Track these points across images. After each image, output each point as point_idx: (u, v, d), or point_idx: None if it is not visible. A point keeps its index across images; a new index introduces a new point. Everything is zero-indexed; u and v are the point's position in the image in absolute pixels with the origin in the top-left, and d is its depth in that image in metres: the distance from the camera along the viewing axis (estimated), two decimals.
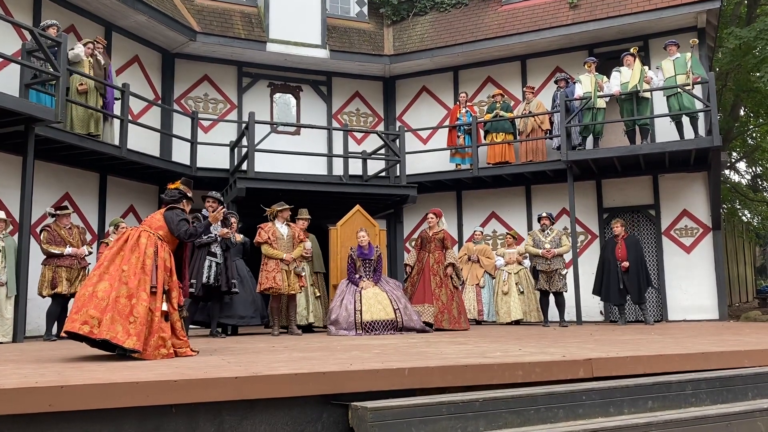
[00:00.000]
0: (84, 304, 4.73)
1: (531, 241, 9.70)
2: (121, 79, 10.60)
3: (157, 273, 4.94)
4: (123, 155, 9.74)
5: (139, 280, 4.83)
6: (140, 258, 4.92)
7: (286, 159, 11.88)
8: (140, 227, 5.20)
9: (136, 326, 4.68)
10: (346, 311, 8.17)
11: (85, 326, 4.65)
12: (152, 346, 4.78)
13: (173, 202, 5.37)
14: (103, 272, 4.88)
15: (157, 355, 4.77)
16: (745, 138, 21.27)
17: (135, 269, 4.87)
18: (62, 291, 8.06)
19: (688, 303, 11.04)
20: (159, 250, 5.05)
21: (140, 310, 4.74)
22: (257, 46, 12.18)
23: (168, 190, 5.51)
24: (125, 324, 4.67)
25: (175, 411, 3.35)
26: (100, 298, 4.74)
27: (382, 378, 3.75)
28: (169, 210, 5.31)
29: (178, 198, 5.41)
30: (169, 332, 4.94)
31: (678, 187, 11.44)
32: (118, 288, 4.78)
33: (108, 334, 4.61)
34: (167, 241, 5.20)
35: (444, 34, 13.03)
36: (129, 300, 4.75)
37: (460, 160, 12.34)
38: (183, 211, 5.38)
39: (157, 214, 5.32)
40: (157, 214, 5.33)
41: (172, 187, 5.52)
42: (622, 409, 3.96)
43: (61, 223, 8.35)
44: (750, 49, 14.49)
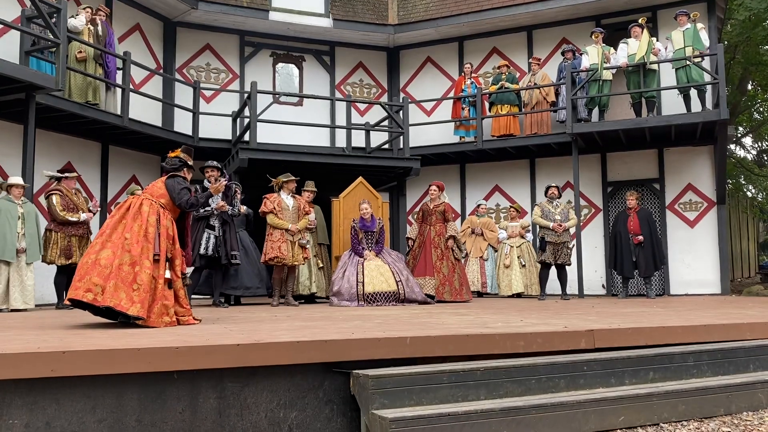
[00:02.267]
0: (87, 271, 4.74)
1: (540, 212, 9.64)
2: (122, 47, 10.49)
3: (160, 241, 4.94)
4: (125, 125, 9.68)
5: (142, 248, 4.83)
6: (143, 226, 4.91)
7: (289, 130, 11.80)
8: (142, 195, 5.18)
9: (139, 293, 4.69)
10: (348, 283, 8.18)
11: (89, 294, 4.67)
12: (156, 313, 4.79)
13: (174, 170, 5.35)
14: (106, 240, 4.88)
15: (161, 322, 4.79)
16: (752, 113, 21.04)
17: (137, 237, 4.86)
18: (76, 261, 7.91)
19: (690, 277, 11.03)
20: (161, 218, 5.04)
21: (143, 277, 4.74)
22: (260, 14, 12.02)
23: (168, 158, 5.48)
24: (129, 291, 4.68)
25: (177, 377, 3.37)
26: (103, 266, 4.74)
27: (383, 346, 3.75)
28: (170, 178, 5.29)
29: (179, 166, 5.40)
30: (173, 300, 4.96)
31: (683, 160, 11.35)
32: (121, 255, 4.78)
33: (112, 301, 4.63)
34: (169, 209, 5.19)
35: (449, 4, 12.84)
36: (132, 267, 4.75)
37: (464, 133, 12.24)
38: (184, 179, 5.36)
39: (159, 182, 5.30)
40: (158, 182, 5.31)
41: (173, 155, 5.49)
42: (624, 380, 3.96)
43: (69, 186, 8.17)
44: (760, 21, 14.25)
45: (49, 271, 8.44)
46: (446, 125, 12.51)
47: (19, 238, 7.46)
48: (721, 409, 3.91)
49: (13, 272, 7.42)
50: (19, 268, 7.48)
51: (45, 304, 8.64)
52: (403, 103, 11.65)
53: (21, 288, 7.46)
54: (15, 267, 7.43)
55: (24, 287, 7.50)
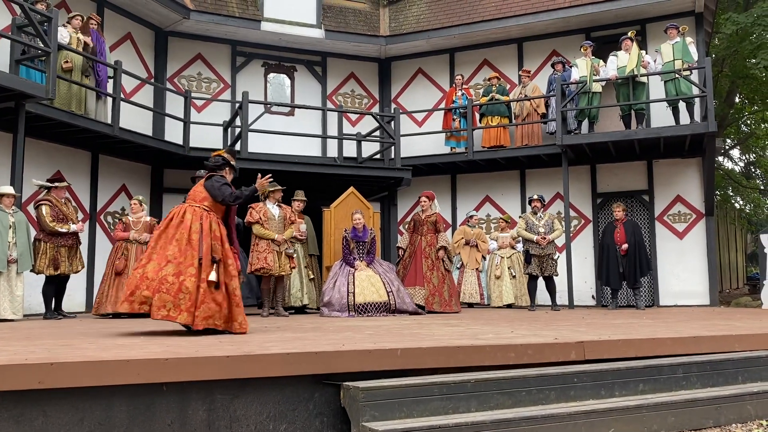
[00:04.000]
0: (137, 285, 4.86)
1: (524, 224, 9.70)
2: (113, 56, 10.47)
3: (203, 244, 4.98)
4: (115, 134, 9.64)
5: (186, 256, 4.91)
6: (185, 233, 4.99)
7: (280, 140, 11.80)
8: (185, 203, 5.24)
9: (185, 301, 4.78)
10: (339, 293, 8.17)
11: (144, 306, 4.82)
12: (200, 317, 4.86)
13: (217, 168, 5.38)
14: (151, 252, 4.99)
15: (206, 324, 4.86)
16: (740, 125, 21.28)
17: (181, 246, 4.94)
18: (64, 271, 7.92)
19: (679, 288, 11.09)
20: (204, 222, 5.08)
21: (188, 285, 4.83)
22: (251, 24, 12.05)
23: (212, 157, 5.50)
24: (175, 301, 4.79)
25: (167, 389, 3.34)
26: (150, 279, 4.85)
27: (374, 358, 3.74)
28: (208, 179, 5.30)
29: (222, 164, 5.42)
30: (224, 302, 4.99)
31: (672, 172, 11.44)
32: (166, 266, 4.88)
33: (160, 313, 4.77)
34: (214, 211, 5.23)
35: (440, 16, 12.92)
36: (177, 277, 4.84)
37: (455, 144, 12.29)
38: (222, 177, 5.36)
39: (199, 186, 5.33)
40: (198, 186, 5.34)
41: (216, 154, 5.52)
42: (614, 392, 3.97)
43: (59, 196, 8.11)
44: (747, 35, 14.44)
45: (37, 282, 8.37)
46: (437, 136, 12.56)
47: (10, 248, 7.42)
48: (711, 421, 3.92)
49: (3, 282, 7.37)
50: (9, 278, 7.43)
51: (33, 314, 8.56)
52: (395, 114, 11.69)
53: (10, 298, 7.41)
54: (5, 277, 7.38)
55: (13, 297, 7.44)
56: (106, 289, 8.33)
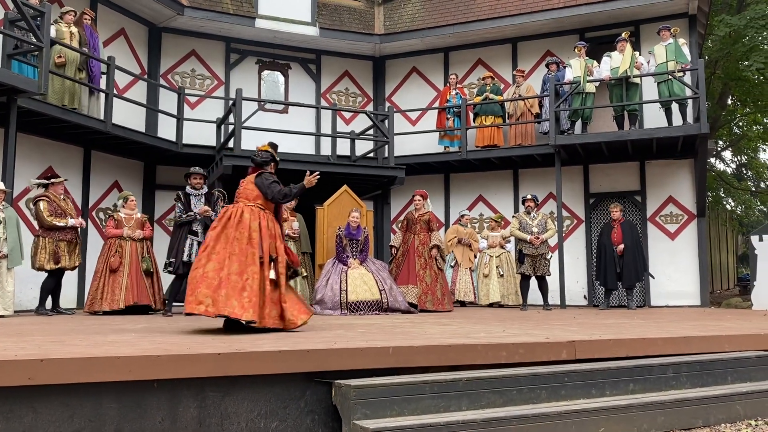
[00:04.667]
0: (197, 285, 4.88)
1: (517, 224, 9.72)
2: (106, 52, 10.40)
3: (263, 243, 5.03)
4: (108, 130, 9.60)
5: (247, 255, 4.95)
6: (245, 233, 5.02)
7: (274, 137, 11.74)
8: (240, 203, 5.24)
9: (250, 299, 4.82)
10: (331, 291, 8.17)
11: (201, 306, 4.80)
12: (267, 315, 4.93)
13: (264, 164, 5.41)
14: (210, 252, 4.99)
15: (271, 323, 4.94)
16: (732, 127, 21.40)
17: (241, 245, 4.97)
18: (65, 265, 7.91)
19: (671, 289, 11.14)
20: (262, 221, 5.13)
21: (252, 283, 4.88)
22: (246, 21, 12.02)
23: (259, 152, 5.50)
24: (240, 298, 4.81)
25: (157, 386, 3.33)
26: (210, 278, 4.87)
27: (366, 356, 3.74)
28: (258, 177, 5.32)
29: (269, 160, 5.46)
30: (279, 300, 5.05)
31: (664, 173, 11.49)
32: (229, 265, 4.90)
33: (226, 310, 4.77)
34: (267, 208, 5.27)
35: (435, 15, 12.93)
36: (240, 276, 4.88)
37: (449, 143, 12.30)
38: (271, 174, 5.41)
39: (249, 184, 5.33)
40: (248, 184, 5.33)
41: (263, 149, 5.53)
42: (604, 391, 3.99)
43: (56, 192, 8.08)
44: (740, 37, 14.51)
45: (28, 278, 8.33)
46: (431, 135, 12.56)
47: (1, 243, 7.38)
48: (700, 421, 3.94)
49: None
50: (0, 273, 7.38)
51: (24, 310, 8.51)
52: (389, 113, 11.68)
53: (1, 294, 7.37)
54: None
55: (4, 293, 7.41)
56: (100, 287, 8.26)
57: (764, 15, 13.42)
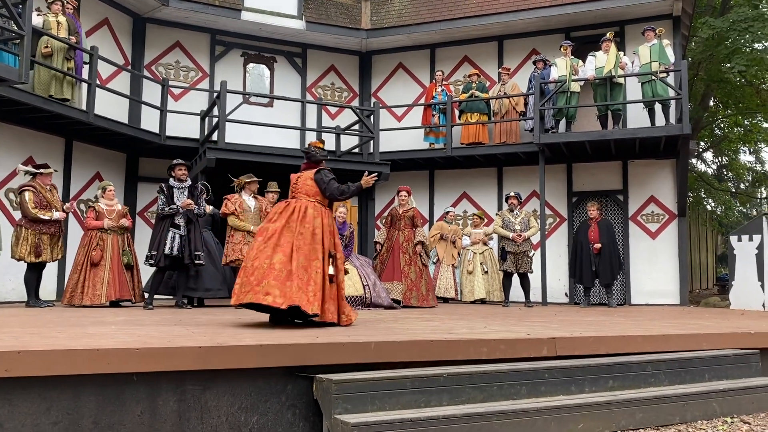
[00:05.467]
0: (264, 276, 4.92)
1: (500, 222, 9.76)
2: (89, 42, 10.28)
3: (324, 239, 5.14)
4: (90, 120, 9.49)
5: (311, 250, 5.04)
6: (309, 228, 5.12)
7: (258, 131, 11.70)
8: (302, 198, 5.30)
9: (314, 293, 4.92)
10: None
11: (268, 297, 4.86)
12: (327, 310, 5.02)
13: (319, 161, 5.48)
14: (276, 244, 5.05)
15: (331, 318, 5.05)
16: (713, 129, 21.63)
17: (306, 240, 5.07)
18: (46, 259, 7.79)
19: (651, 287, 11.26)
20: (324, 218, 5.24)
21: (316, 278, 4.98)
22: (231, 13, 11.93)
23: (312, 148, 5.55)
24: (306, 292, 4.91)
25: (137, 379, 3.31)
26: (278, 270, 4.93)
27: (348, 351, 3.74)
28: (317, 173, 5.37)
29: (320, 159, 5.52)
30: (336, 296, 5.17)
31: (647, 173, 11.59)
32: (296, 259, 4.98)
33: (297, 301, 4.84)
34: (325, 205, 5.36)
35: (422, 11, 12.92)
36: (306, 270, 4.97)
37: (434, 139, 12.32)
38: (329, 170, 5.47)
39: (308, 180, 5.37)
40: (306, 180, 5.37)
41: (318, 145, 5.59)
42: (584, 388, 4.02)
43: (43, 182, 7.92)
44: (722, 39, 14.67)
45: (5, 268, 8.21)
46: (416, 131, 12.57)
47: None
48: (677, 418, 3.99)
49: None
50: None
51: (4, 301, 8.40)
52: (374, 108, 11.67)
53: None
54: None
55: None
56: (81, 280, 8.15)
57: (747, 18, 13.58)
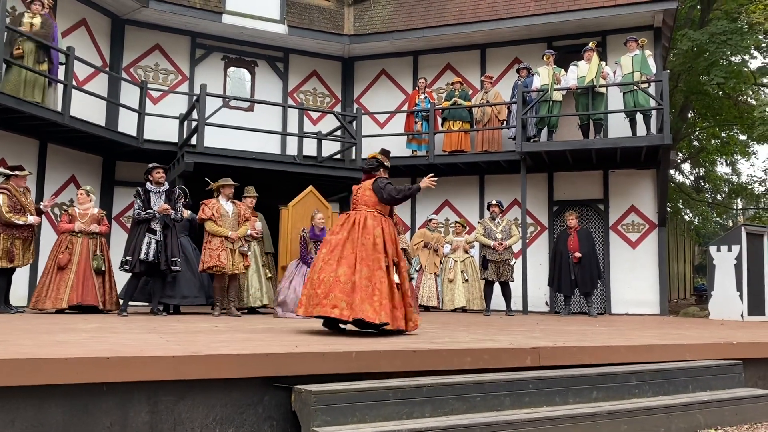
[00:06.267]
0: (330, 288, 5.04)
1: (482, 230, 9.71)
2: (65, 42, 10.07)
3: (387, 248, 5.22)
4: (65, 122, 9.28)
5: (373, 260, 5.13)
6: (370, 239, 5.20)
7: (239, 136, 11.54)
8: (362, 209, 5.41)
9: (381, 302, 4.99)
10: (294, 293, 8.00)
11: (336, 309, 4.99)
12: (398, 317, 5.11)
13: (372, 170, 5.58)
14: (340, 257, 5.16)
15: (399, 325, 5.11)
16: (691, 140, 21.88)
17: (368, 250, 5.15)
18: (18, 264, 7.57)
19: (631, 297, 11.28)
20: (384, 227, 5.31)
21: (381, 287, 5.05)
22: (212, 16, 11.79)
23: (367, 159, 5.72)
24: (372, 303, 4.98)
25: (107, 390, 3.17)
26: (343, 282, 5.04)
27: (328, 361, 3.64)
28: (374, 182, 5.48)
29: (376, 166, 5.61)
30: (403, 302, 5.23)
31: (627, 183, 11.64)
32: (360, 270, 5.07)
33: (362, 314, 4.93)
34: (385, 214, 5.45)
35: (405, 18, 12.89)
36: (370, 281, 5.05)
37: (417, 147, 12.27)
38: (386, 177, 5.57)
39: (366, 191, 5.48)
40: (365, 191, 5.49)
41: (371, 156, 5.73)
42: (567, 399, 3.96)
43: (18, 185, 7.68)
44: (702, 51, 14.84)
45: None
46: (399, 138, 12.50)
47: None
48: (662, 429, 3.94)
49: None
50: None
51: None
52: (357, 114, 11.59)
53: None
54: None
55: None
56: (47, 283, 7.94)
57: (725, 30, 13.75)
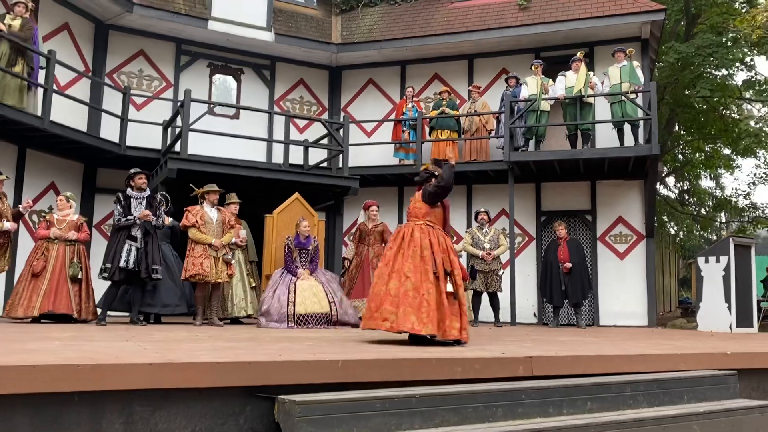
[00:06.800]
0: (381, 302, 5.19)
1: (470, 239, 9.60)
2: (47, 47, 9.87)
3: (435, 258, 5.26)
4: (45, 127, 9.05)
5: (421, 272, 5.19)
6: (417, 251, 5.28)
7: (224, 144, 11.34)
8: (410, 222, 5.56)
9: (428, 313, 5.04)
10: (278, 302, 7.81)
11: (386, 323, 5.12)
12: (448, 327, 5.11)
13: (424, 182, 5.69)
14: (391, 271, 5.30)
15: (449, 336, 5.12)
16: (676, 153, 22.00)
17: (415, 263, 5.24)
18: None
19: (619, 308, 11.20)
20: (432, 237, 5.37)
21: (429, 298, 5.10)
22: (198, 23, 11.64)
23: (420, 172, 5.83)
24: (418, 314, 5.04)
25: (78, 399, 2.98)
26: (393, 295, 5.17)
27: (313, 370, 3.48)
28: (422, 193, 5.60)
29: (427, 177, 5.71)
30: (459, 312, 5.24)
31: (615, 193, 11.60)
32: (405, 283, 5.17)
33: (405, 326, 5.03)
34: (437, 222, 5.54)
35: (393, 27, 12.83)
36: (416, 292, 5.12)
37: (404, 155, 12.17)
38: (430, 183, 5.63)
39: (417, 203, 5.61)
40: (416, 203, 5.62)
41: (423, 167, 5.84)
42: (562, 410, 3.83)
43: None
44: (688, 64, 14.92)
45: None
46: (386, 147, 12.40)
47: None
48: None
49: None
50: None
51: None
52: (344, 122, 11.46)
53: None
54: None
55: None
56: (20, 291, 7.69)
57: (711, 44, 13.84)
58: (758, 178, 22.01)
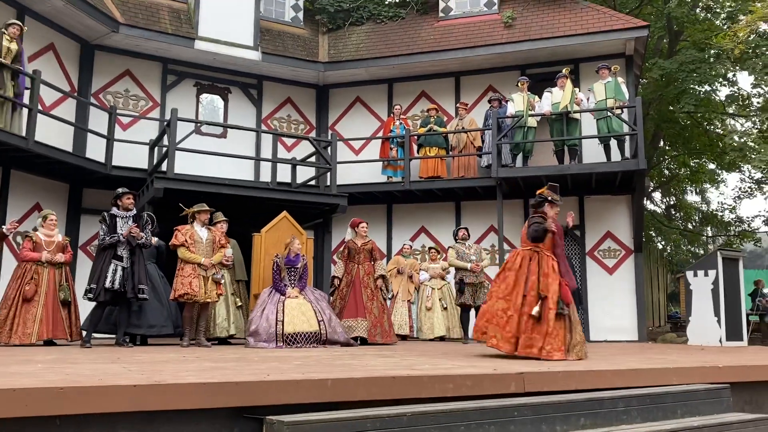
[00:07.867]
0: (489, 320, 5.82)
1: (454, 254, 9.54)
2: (32, 67, 9.81)
3: (528, 281, 5.71)
4: (29, 147, 8.97)
5: (512, 294, 5.74)
6: (513, 275, 5.81)
7: (211, 163, 11.30)
8: (520, 247, 6.04)
9: (510, 331, 5.62)
10: (267, 322, 7.71)
11: (485, 335, 5.80)
12: (521, 345, 5.57)
13: (537, 206, 6.01)
14: (491, 292, 5.96)
15: (526, 352, 5.52)
16: (662, 168, 22.19)
17: (508, 284, 5.80)
18: None
19: (609, 323, 11.18)
20: (532, 262, 5.79)
21: (514, 316, 5.66)
22: (184, 42, 11.63)
23: (536, 196, 6.10)
24: (503, 333, 5.67)
25: (60, 423, 2.90)
26: (490, 314, 5.82)
27: (302, 390, 3.41)
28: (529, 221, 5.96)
29: (540, 202, 6.01)
30: (541, 334, 5.55)
31: (603, 209, 11.64)
32: (496, 303, 5.80)
33: (490, 342, 5.75)
34: (543, 249, 5.86)
35: (380, 45, 12.90)
36: (504, 312, 5.71)
37: (392, 173, 12.17)
38: (539, 216, 5.96)
39: (527, 228, 5.98)
40: (526, 228, 5.98)
41: (539, 192, 6.09)
42: (554, 426, 3.78)
43: None
44: (672, 80, 15.10)
45: None
46: (374, 165, 12.40)
47: None
48: None
49: None
50: None
51: None
52: (332, 140, 11.45)
53: None
54: None
55: None
56: (10, 317, 7.50)
57: (694, 60, 14.02)
58: (743, 192, 22.22)
